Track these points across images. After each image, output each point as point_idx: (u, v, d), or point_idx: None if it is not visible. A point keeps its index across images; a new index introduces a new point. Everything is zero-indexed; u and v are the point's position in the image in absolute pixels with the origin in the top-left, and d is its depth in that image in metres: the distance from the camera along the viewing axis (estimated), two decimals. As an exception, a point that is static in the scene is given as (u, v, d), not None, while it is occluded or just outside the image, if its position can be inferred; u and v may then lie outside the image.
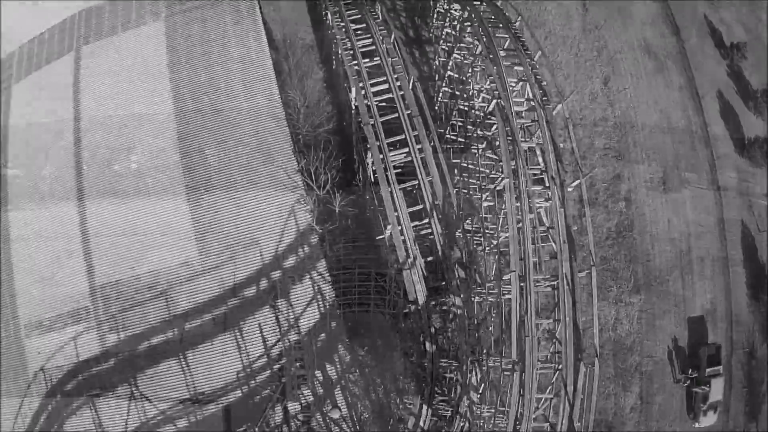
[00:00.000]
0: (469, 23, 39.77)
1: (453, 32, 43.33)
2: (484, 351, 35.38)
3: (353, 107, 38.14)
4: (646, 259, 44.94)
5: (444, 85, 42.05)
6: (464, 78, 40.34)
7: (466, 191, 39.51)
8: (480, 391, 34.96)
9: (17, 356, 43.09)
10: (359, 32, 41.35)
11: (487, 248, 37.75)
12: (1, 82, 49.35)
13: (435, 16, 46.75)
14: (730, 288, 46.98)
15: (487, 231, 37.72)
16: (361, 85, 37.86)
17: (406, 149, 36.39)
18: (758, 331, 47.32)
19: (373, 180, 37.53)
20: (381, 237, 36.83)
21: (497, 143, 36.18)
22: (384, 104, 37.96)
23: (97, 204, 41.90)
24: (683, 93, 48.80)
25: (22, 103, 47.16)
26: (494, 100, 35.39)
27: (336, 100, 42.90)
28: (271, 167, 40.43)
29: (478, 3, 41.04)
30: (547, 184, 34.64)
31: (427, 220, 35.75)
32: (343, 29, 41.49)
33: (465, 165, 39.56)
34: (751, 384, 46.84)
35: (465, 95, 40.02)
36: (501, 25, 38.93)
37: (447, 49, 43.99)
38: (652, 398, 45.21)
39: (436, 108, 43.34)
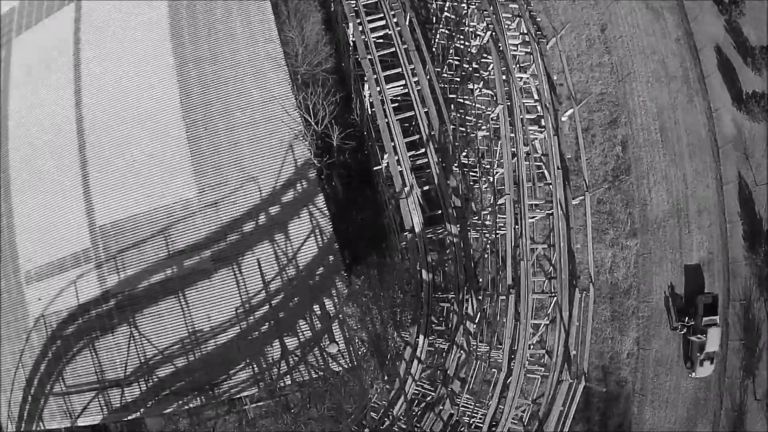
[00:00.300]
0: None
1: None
2: (480, 280, 35.65)
3: (351, 43, 38.47)
4: (642, 204, 45.08)
5: (441, 26, 42.39)
6: (460, 18, 40.65)
7: (463, 129, 39.78)
8: (476, 321, 35.17)
9: (18, 304, 43.64)
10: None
11: (484, 181, 38.03)
12: (1, 36, 49.73)
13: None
14: (727, 240, 46.99)
15: (483, 165, 38.00)
16: (358, 21, 38.17)
17: (403, 82, 36.68)
18: (755, 285, 47.30)
19: (370, 113, 37.86)
20: (378, 168, 37.12)
21: (492, 76, 36.47)
22: (381, 41, 38.25)
23: (97, 146, 42.22)
24: (681, 45, 48.92)
25: (23, 55, 47.54)
26: (489, 32, 35.66)
27: (334, 41, 43.24)
28: (269, 105, 40.80)
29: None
30: (541, 113, 34.96)
31: (423, 150, 36.00)
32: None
33: (461, 101, 39.86)
34: (748, 338, 46.86)
35: (461, 35, 40.32)
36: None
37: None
38: (649, 344, 45.35)
39: (434, 50, 43.63)
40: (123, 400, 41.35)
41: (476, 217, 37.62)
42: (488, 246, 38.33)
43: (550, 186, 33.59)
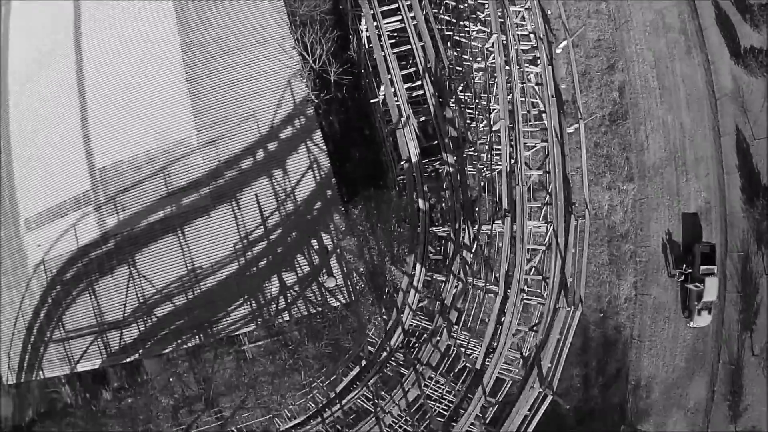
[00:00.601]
0: None
1: None
2: (476, 210, 35.91)
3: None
4: (639, 149, 45.24)
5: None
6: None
7: (460, 68, 40.08)
8: (473, 251, 35.41)
9: (17, 252, 43.85)
10: None
11: (481, 120, 38.30)
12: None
13: None
14: (725, 191, 47.02)
15: (480, 102, 38.28)
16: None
17: (399, 16, 37.03)
18: (753, 239, 47.30)
19: (367, 48, 38.21)
20: (375, 101, 37.44)
21: (488, 18, 36.79)
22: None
23: (96, 86, 42.51)
24: (678, -5, 48.86)
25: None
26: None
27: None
28: (268, 45, 41.08)
29: None
30: (535, 44, 35.28)
31: (419, 83, 36.31)
32: None
33: (457, 39, 40.15)
34: (746, 291, 46.88)
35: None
36: None
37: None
38: (647, 290, 45.47)
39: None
40: (122, 342, 41.57)
41: (472, 149, 37.86)
42: (484, 184, 38.66)
43: (545, 114, 33.88)
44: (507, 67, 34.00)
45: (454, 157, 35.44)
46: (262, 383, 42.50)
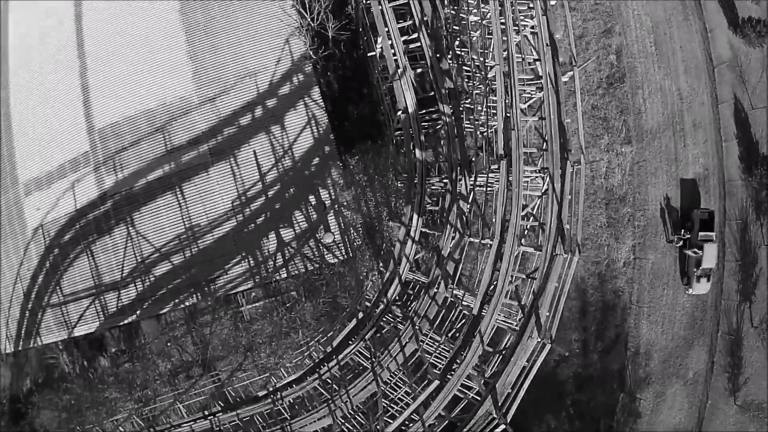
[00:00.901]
0: None
1: None
2: (473, 159, 35.95)
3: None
4: (637, 112, 45.25)
5: None
6: None
7: (457, 27, 40.24)
8: (469, 201, 35.41)
9: (16, 217, 43.96)
10: None
11: (477, 78, 38.42)
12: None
13: None
14: (723, 158, 46.83)
15: (475, 60, 38.41)
16: None
17: (396, -29, 37.24)
18: (752, 208, 47.10)
19: (365, 4, 38.48)
20: (372, 54, 37.65)
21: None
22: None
23: (96, 47, 42.67)
24: (675, -38, 48.86)
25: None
26: None
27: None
28: (266, 2, 41.34)
29: None
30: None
31: (416, 35, 36.46)
32: None
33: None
34: (745, 260, 46.69)
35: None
36: None
37: None
38: (645, 254, 45.35)
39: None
40: (119, 303, 41.62)
41: (468, 101, 37.93)
42: (481, 134, 38.47)
43: (539, 63, 33.86)
44: (502, 18, 34.05)
45: (451, 108, 35.53)
46: (260, 345, 42.52)
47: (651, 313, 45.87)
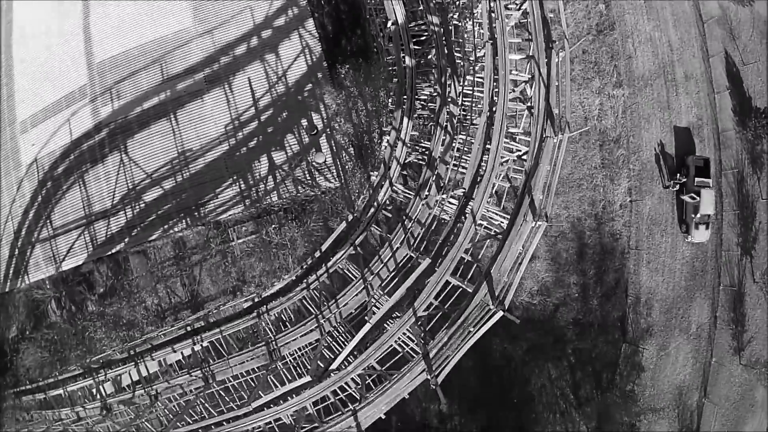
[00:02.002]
0: None
1: None
2: (462, 65, 36.25)
3: None
4: (627, 58, 45.77)
5: None
6: None
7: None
8: (459, 104, 35.57)
9: (10, 155, 44.08)
10: None
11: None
12: None
13: None
14: (716, 110, 46.93)
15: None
16: None
17: None
18: (748, 160, 46.98)
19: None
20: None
21: None
22: None
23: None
24: None
25: None
26: None
27: None
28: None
29: None
30: None
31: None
32: None
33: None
34: (743, 211, 46.18)
35: None
36: None
37: None
38: (642, 199, 44.85)
39: None
40: (108, 231, 41.13)
41: (457, 14, 38.51)
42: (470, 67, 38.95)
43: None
44: None
45: (439, 19, 36.22)
46: (250, 283, 41.73)
47: (651, 260, 44.92)
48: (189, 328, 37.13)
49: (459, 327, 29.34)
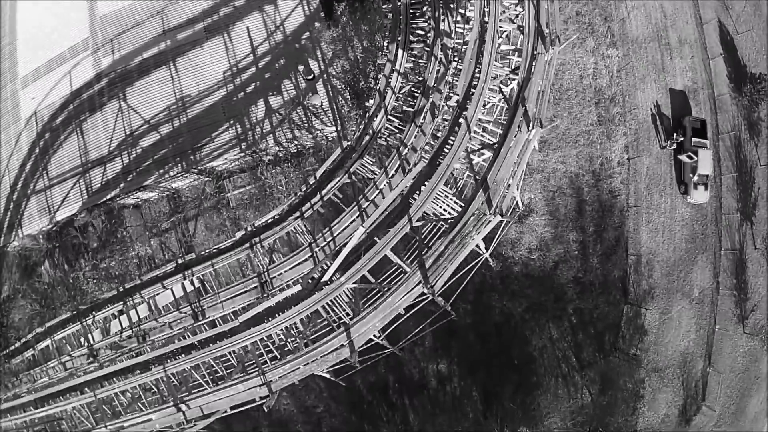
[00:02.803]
0: None
1: None
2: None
3: None
4: (621, 21, 46.35)
5: None
6: None
7: None
8: (453, 36, 35.92)
9: (10, 110, 44.69)
10: None
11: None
12: None
13: None
14: (711, 75, 46.87)
15: None
16: None
17: None
18: (744, 126, 46.72)
19: None
20: None
21: None
22: None
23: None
24: None
25: None
26: None
27: None
28: None
29: None
30: None
31: None
32: None
33: None
34: (741, 175, 45.80)
35: None
36: None
37: None
38: (639, 157, 44.62)
39: None
40: (104, 177, 41.09)
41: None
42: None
43: None
44: None
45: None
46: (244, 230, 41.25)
47: (650, 220, 44.28)
48: (180, 262, 36.33)
49: (456, 236, 28.85)
